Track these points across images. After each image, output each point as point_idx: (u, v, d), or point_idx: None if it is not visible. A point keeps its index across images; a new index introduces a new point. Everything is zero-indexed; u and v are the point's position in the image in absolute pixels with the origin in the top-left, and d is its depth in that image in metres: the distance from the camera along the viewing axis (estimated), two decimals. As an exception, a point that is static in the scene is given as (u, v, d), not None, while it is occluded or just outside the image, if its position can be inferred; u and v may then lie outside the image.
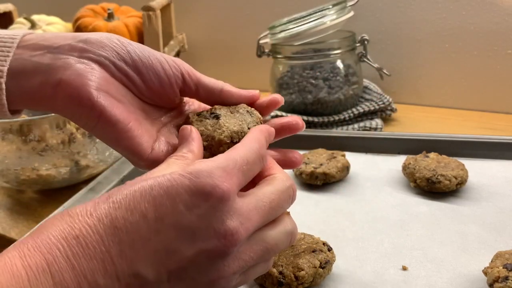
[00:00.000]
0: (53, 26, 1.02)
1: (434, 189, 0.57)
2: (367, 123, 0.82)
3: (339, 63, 0.84)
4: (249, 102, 0.40)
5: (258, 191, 0.33)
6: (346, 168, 0.63)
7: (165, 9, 1.01)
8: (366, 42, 0.85)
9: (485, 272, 0.42)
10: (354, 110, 0.84)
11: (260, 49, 0.89)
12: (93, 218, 0.28)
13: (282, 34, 0.82)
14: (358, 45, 0.86)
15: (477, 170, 0.61)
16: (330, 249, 0.46)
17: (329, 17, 0.80)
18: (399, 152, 0.68)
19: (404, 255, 0.48)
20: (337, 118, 0.83)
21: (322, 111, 0.84)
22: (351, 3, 0.84)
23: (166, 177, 0.29)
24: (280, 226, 0.34)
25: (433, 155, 0.62)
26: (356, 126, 0.82)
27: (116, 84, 0.36)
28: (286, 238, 0.34)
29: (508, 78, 0.87)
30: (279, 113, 0.83)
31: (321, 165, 0.62)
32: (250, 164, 0.33)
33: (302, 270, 0.42)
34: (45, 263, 0.26)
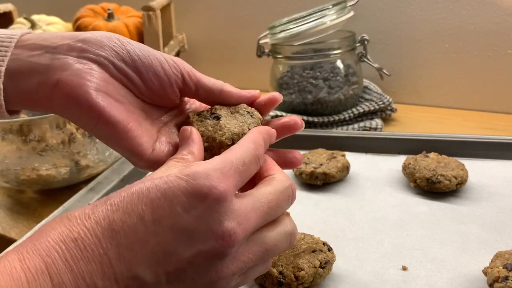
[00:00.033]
0: (53, 26, 1.02)
1: (434, 189, 0.57)
2: (367, 123, 0.82)
3: (339, 63, 0.84)
4: (249, 102, 0.40)
5: (256, 192, 0.33)
6: (346, 168, 0.63)
7: (165, 9, 1.01)
8: (366, 42, 0.85)
9: (485, 272, 0.42)
10: (354, 110, 0.84)
11: (260, 49, 0.89)
12: (91, 221, 0.28)
13: (282, 34, 0.82)
14: (358, 45, 0.86)
15: (477, 170, 0.61)
16: (330, 249, 0.46)
17: (329, 17, 0.80)
18: (399, 152, 0.68)
19: (404, 255, 0.48)
20: (337, 118, 0.83)
21: (322, 111, 0.84)
22: (351, 3, 0.84)
23: (163, 179, 0.29)
24: (279, 227, 0.34)
25: (433, 155, 0.62)
26: (356, 126, 0.82)
27: (115, 84, 0.36)
28: (286, 239, 0.34)
29: (508, 78, 0.87)
30: (279, 113, 0.83)
31: (321, 165, 0.62)
32: (247, 164, 0.33)
33: (302, 270, 0.42)
34: (43, 266, 0.27)
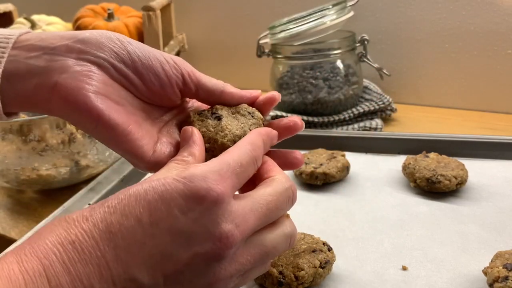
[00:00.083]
0: (53, 26, 1.02)
1: (434, 189, 0.57)
2: (367, 123, 0.82)
3: (339, 63, 0.84)
4: (250, 102, 0.40)
5: (255, 193, 0.33)
6: (346, 168, 0.63)
7: (165, 9, 1.01)
8: (366, 42, 0.85)
9: (485, 272, 0.42)
10: (354, 110, 0.84)
11: (260, 49, 0.89)
12: (88, 223, 0.28)
13: (282, 34, 0.82)
14: (358, 45, 0.86)
15: (477, 170, 0.61)
16: (330, 249, 0.46)
17: (329, 17, 0.80)
18: (399, 152, 0.68)
19: (404, 255, 0.48)
20: (337, 118, 0.83)
21: (322, 111, 0.84)
22: (351, 3, 0.84)
23: (161, 181, 0.29)
24: (279, 228, 0.34)
25: (433, 155, 0.62)
26: (356, 126, 0.82)
27: (115, 86, 0.35)
28: (285, 241, 0.34)
29: (508, 78, 0.87)
30: (279, 113, 0.83)
31: (321, 165, 0.62)
32: (244, 166, 0.32)
33: (302, 270, 0.42)
34: (41, 268, 0.27)
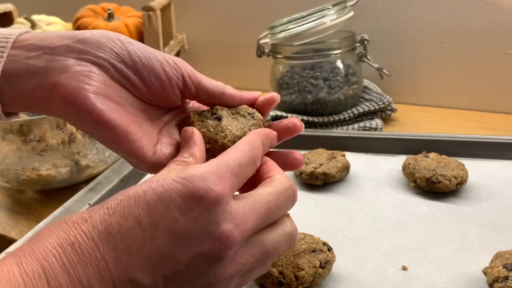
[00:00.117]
0: (53, 26, 1.02)
1: (434, 189, 0.57)
2: (367, 123, 0.82)
3: (339, 63, 0.84)
4: (250, 103, 0.40)
5: (255, 193, 0.33)
6: (346, 168, 0.63)
7: (165, 9, 1.01)
8: (366, 42, 0.85)
9: (485, 272, 0.42)
10: (354, 110, 0.84)
11: (260, 49, 0.89)
12: (87, 225, 0.28)
13: (282, 34, 0.82)
14: (358, 45, 0.86)
15: (477, 170, 0.61)
16: (330, 249, 0.46)
17: (329, 17, 0.80)
18: (399, 152, 0.68)
19: (404, 255, 0.48)
20: (337, 118, 0.83)
21: (322, 111, 0.84)
22: (351, 3, 0.84)
23: (160, 182, 0.29)
24: (279, 228, 0.34)
25: (433, 155, 0.62)
26: (356, 126, 0.82)
27: (115, 86, 0.35)
28: (286, 240, 0.34)
29: (508, 78, 0.87)
30: (279, 113, 0.83)
31: (321, 165, 0.62)
32: (243, 166, 0.32)
33: (302, 270, 0.42)
34: (41, 270, 0.26)
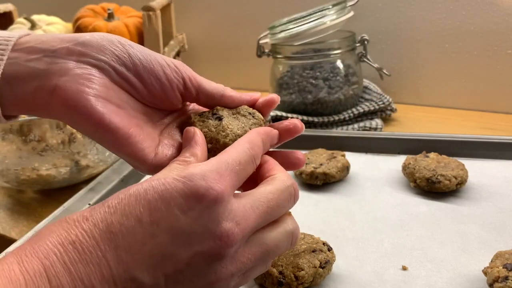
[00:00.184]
0: (53, 26, 1.02)
1: (434, 189, 0.57)
2: (367, 123, 0.82)
3: (339, 63, 0.84)
4: (250, 105, 0.40)
5: (256, 191, 0.33)
6: (346, 168, 0.63)
7: (165, 9, 1.01)
8: (366, 42, 0.85)
9: (485, 272, 0.42)
10: (354, 110, 0.84)
11: (260, 49, 0.89)
12: (89, 223, 0.28)
13: (282, 34, 0.82)
14: (358, 45, 0.86)
15: (477, 170, 0.61)
16: (330, 249, 0.46)
17: (329, 17, 0.80)
18: (399, 152, 0.68)
19: (404, 255, 0.48)
20: (337, 118, 0.83)
21: (322, 111, 0.84)
22: (351, 3, 0.84)
23: (161, 181, 0.29)
24: (280, 226, 0.34)
25: (433, 155, 0.62)
26: (356, 126, 0.82)
27: (116, 89, 0.35)
28: (287, 239, 0.34)
29: (508, 78, 0.87)
30: (279, 113, 0.83)
31: (321, 165, 0.62)
32: (243, 164, 0.33)
33: (302, 270, 0.42)
34: (42, 268, 0.26)
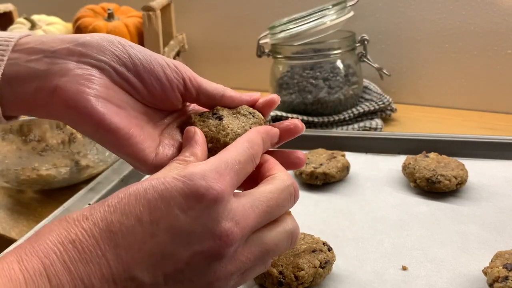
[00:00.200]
0: (53, 26, 1.02)
1: (434, 189, 0.57)
2: (367, 123, 0.82)
3: (339, 63, 0.84)
4: (250, 105, 0.40)
5: (256, 191, 0.33)
6: (346, 168, 0.63)
7: (165, 9, 1.01)
8: (366, 42, 0.85)
9: (485, 272, 0.42)
10: (354, 110, 0.84)
11: (260, 49, 0.89)
12: (88, 222, 0.28)
13: (282, 34, 0.82)
14: (358, 45, 0.86)
15: (477, 170, 0.61)
16: (330, 249, 0.46)
17: (329, 17, 0.80)
18: (399, 152, 0.68)
19: (404, 255, 0.48)
20: (337, 118, 0.83)
21: (322, 111, 0.84)
22: (351, 3, 0.84)
23: (160, 180, 0.29)
24: (280, 226, 0.34)
25: (433, 155, 0.62)
26: (356, 126, 0.82)
27: (116, 89, 0.35)
28: (286, 238, 0.34)
29: (508, 78, 0.87)
30: (279, 113, 0.83)
31: (321, 165, 0.62)
32: (242, 163, 0.33)
33: (302, 270, 0.42)
34: (42, 267, 0.26)
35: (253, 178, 0.35)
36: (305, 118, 0.82)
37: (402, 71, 0.95)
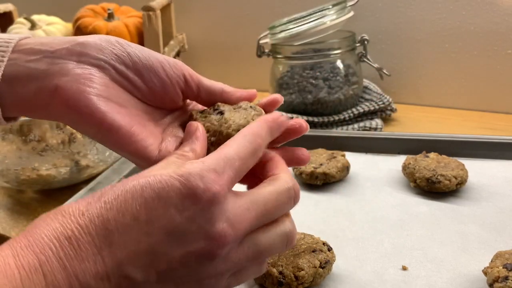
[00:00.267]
0: (53, 26, 1.02)
1: (434, 189, 0.57)
2: (367, 123, 0.82)
3: (339, 63, 0.84)
4: (248, 101, 0.40)
5: (254, 192, 0.32)
6: (346, 168, 0.63)
7: (165, 9, 1.01)
8: (366, 42, 0.85)
9: (485, 272, 0.42)
10: (354, 110, 0.84)
11: (260, 49, 0.89)
12: (84, 218, 0.28)
13: (282, 34, 0.82)
14: (358, 45, 0.86)
15: (477, 170, 0.61)
16: (330, 249, 0.46)
17: (329, 17, 0.80)
18: (399, 152, 0.68)
19: (404, 255, 0.48)
20: (337, 118, 0.83)
21: (322, 111, 0.84)
22: (351, 3, 0.84)
23: (157, 178, 0.29)
24: (276, 228, 0.33)
25: (433, 155, 0.62)
26: (356, 126, 0.82)
27: (116, 88, 0.35)
28: (282, 241, 0.33)
29: (508, 78, 0.87)
30: (279, 113, 0.83)
31: (321, 165, 0.62)
32: (243, 159, 0.32)
33: (302, 270, 0.42)
34: (37, 263, 0.26)
35: (254, 173, 0.35)
36: (305, 118, 0.82)
37: (402, 71, 0.95)
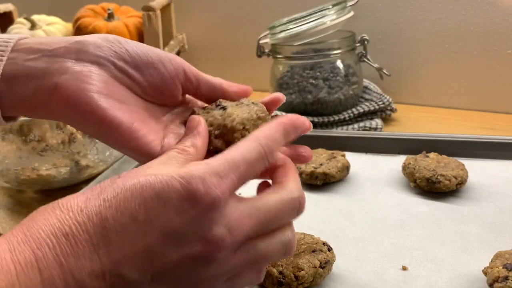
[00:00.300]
0: (53, 26, 1.02)
1: (434, 189, 0.57)
2: (367, 123, 0.82)
3: (339, 63, 0.84)
4: (245, 96, 0.40)
5: (258, 199, 0.32)
6: (346, 168, 0.63)
7: (165, 9, 1.01)
8: (366, 42, 0.85)
9: (485, 272, 0.42)
10: (354, 110, 0.84)
11: (260, 49, 0.89)
12: (83, 215, 0.28)
13: (282, 34, 0.82)
14: (358, 45, 0.86)
15: (477, 170, 0.61)
16: (330, 249, 0.46)
17: (329, 17, 0.80)
18: (399, 152, 0.68)
19: (404, 255, 0.48)
20: (337, 118, 0.83)
21: (322, 111, 0.84)
22: (351, 3, 0.84)
23: (158, 178, 0.29)
24: (275, 237, 0.32)
25: (433, 155, 0.62)
26: (356, 126, 0.82)
27: (116, 85, 0.35)
28: (280, 250, 0.33)
29: (508, 78, 0.87)
30: (279, 112, 0.83)
31: (321, 165, 0.62)
32: (250, 164, 0.31)
33: (302, 270, 0.42)
34: (34, 259, 0.26)
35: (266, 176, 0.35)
36: (305, 118, 0.82)
37: (402, 71, 0.95)
